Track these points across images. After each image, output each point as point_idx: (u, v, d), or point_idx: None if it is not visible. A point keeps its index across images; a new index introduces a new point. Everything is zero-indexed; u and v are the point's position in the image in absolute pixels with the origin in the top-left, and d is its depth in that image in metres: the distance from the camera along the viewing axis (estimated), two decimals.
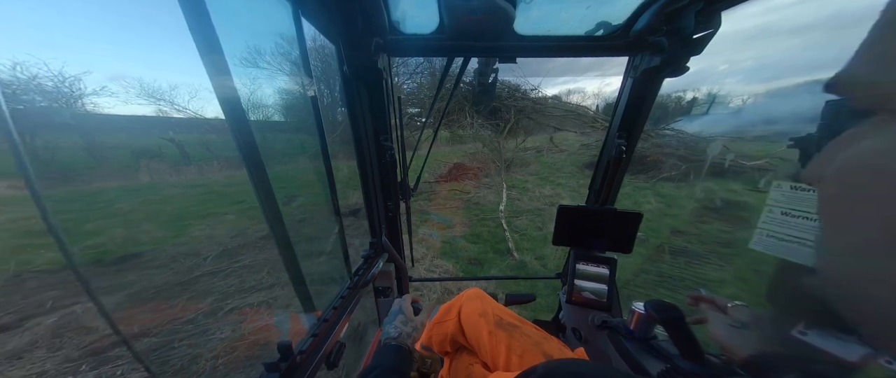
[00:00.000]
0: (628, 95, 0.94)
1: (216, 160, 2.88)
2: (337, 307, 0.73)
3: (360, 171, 1.01)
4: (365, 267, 0.94)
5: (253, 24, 1.21)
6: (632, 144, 1.02)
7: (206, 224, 3.03)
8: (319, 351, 0.62)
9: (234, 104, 0.50)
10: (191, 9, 0.42)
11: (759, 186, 5.11)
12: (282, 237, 0.65)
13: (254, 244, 3.02)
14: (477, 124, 6.08)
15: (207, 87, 0.47)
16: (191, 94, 2.35)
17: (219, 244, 2.84)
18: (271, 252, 2.61)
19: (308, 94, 0.66)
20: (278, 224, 0.63)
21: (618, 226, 1.02)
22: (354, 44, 0.76)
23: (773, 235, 0.74)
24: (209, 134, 3.02)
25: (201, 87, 2.92)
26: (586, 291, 1.05)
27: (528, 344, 0.77)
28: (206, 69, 0.45)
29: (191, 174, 2.61)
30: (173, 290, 2.27)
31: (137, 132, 2.64)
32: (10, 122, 0.34)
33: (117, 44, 1.76)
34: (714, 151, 6.45)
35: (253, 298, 2.26)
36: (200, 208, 3.23)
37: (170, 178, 2.46)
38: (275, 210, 0.61)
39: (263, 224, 0.60)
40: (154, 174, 2.80)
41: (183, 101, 2.30)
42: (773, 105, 6.02)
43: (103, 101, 2.58)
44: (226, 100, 0.49)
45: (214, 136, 3.02)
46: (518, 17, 0.77)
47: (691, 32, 0.72)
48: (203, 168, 2.76)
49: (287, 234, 0.65)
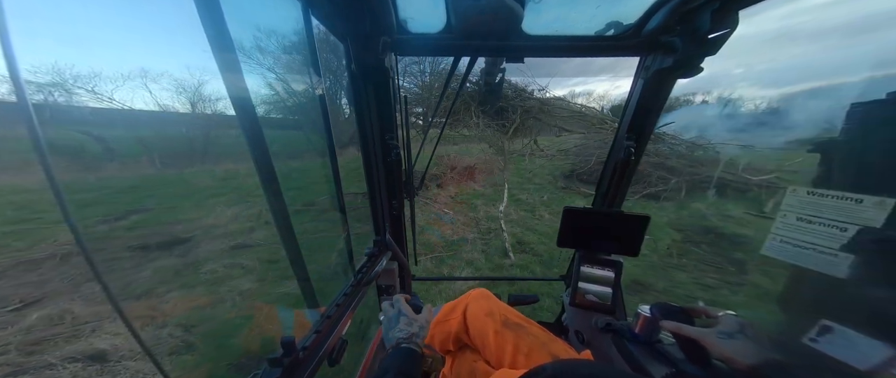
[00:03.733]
0: (638, 96, 0.92)
1: (146, 156, 2.65)
2: (340, 304, 0.74)
3: (366, 169, 1.02)
4: (368, 264, 0.94)
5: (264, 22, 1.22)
6: (641, 146, 1.00)
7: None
8: (322, 347, 0.63)
9: (245, 101, 0.51)
10: (205, 7, 0.42)
11: (766, 211, 4.08)
12: (287, 234, 0.65)
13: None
14: (482, 124, 6.05)
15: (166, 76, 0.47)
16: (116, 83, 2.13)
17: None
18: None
19: (316, 92, 0.66)
20: (284, 220, 0.63)
21: (624, 228, 1.01)
22: (362, 42, 0.76)
23: (787, 241, 0.72)
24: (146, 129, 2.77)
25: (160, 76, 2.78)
26: (590, 294, 1.04)
27: (536, 344, 0.77)
28: (217, 66, 0.46)
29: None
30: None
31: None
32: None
33: (134, 41, 1.76)
34: (728, 159, 5.30)
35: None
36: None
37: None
38: (282, 206, 0.62)
39: (258, 222, 0.60)
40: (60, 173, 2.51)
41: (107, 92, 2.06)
42: (787, 110, 5.34)
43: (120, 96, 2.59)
44: (236, 96, 0.50)
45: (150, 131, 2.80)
46: (526, 17, 0.76)
47: (707, 32, 0.70)
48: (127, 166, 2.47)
49: (293, 230, 0.66)
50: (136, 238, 2.53)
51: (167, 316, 2.08)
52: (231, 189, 3.76)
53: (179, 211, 3.24)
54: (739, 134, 5.43)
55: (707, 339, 0.57)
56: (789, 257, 0.72)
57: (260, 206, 3.64)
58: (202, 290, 2.52)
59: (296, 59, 3.86)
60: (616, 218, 1.01)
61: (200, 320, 2.16)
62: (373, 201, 1.09)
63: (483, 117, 6.02)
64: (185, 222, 3.13)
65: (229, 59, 0.47)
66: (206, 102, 3.53)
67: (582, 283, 1.05)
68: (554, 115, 6.40)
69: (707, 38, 0.72)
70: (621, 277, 1.04)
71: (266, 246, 3.18)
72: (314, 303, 0.78)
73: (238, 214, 3.59)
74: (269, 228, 3.37)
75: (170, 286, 2.40)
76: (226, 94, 0.48)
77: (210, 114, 3.31)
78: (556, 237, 1.09)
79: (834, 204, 0.65)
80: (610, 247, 1.05)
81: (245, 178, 3.66)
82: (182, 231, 2.97)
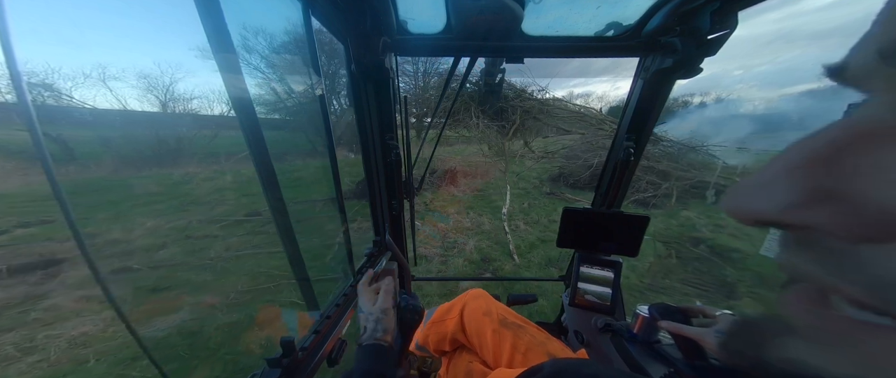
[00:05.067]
0: (638, 97, 0.93)
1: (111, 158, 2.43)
2: (339, 304, 0.74)
3: (365, 169, 1.02)
4: (368, 265, 0.94)
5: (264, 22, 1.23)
6: (640, 147, 1.00)
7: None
8: (321, 348, 0.63)
9: (245, 101, 0.51)
10: (205, 6, 0.42)
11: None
12: (287, 234, 0.65)
13: None
14: (482, 125, 6.04)
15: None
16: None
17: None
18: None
19: (316, 92, 0.67)
20: (284, 220, 0.63)
21: (624, 229, 1.01)
22: (362, 43, 0.76)
23: None
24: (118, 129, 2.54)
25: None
26: (590, 294, 1.04)
27: (533, 343, 0.77)
28: (217, 66, 0.46)
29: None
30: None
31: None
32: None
33: (131, 40, 1.70)
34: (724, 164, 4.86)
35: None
36: None
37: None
38: (281, 206, 0.62)
39: (257, 218, 0.60)
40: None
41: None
42: (785, 110, 4.96)
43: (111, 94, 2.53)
44: (236, 96, 0.50)
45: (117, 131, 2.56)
46: (526, 18, 0.76)
47: (706, 33, 0.71)
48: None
49: (292, 230, 0.66)
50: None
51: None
52: (179, 195, 3.30)
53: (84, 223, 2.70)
54: (739, 135, 5.15)
55: (705, 338, 0.57)
56: None
57: (232, 208, 3.42)
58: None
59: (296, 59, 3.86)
60: (616, 218, 1.01)
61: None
62: (372, 202, 1.09)
63: (483, 118, 6.01)
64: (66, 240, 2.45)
65: (229, 60, 0.47)
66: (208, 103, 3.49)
67: (581, 284, 1.05)
68: (554, 116, 6.39)
69: (707, 39, 0.72)
70: (620, 278, 1.04)
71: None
72: (314, 303, 0.78)
73: (156, 228, 2.99)
74: (185, 245, 3.01)
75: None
76: (226, 93, 0.48)
77: (181, 113, 3.20)
78: (554, 239, 1.09)
79: None
80: (609, 247, 1.05)
81: (201, 183, 3.33)
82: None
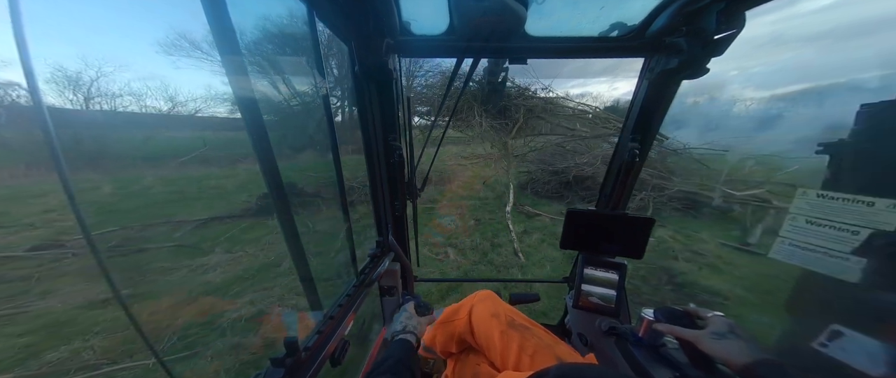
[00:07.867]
0: (643, 97, 0.92)
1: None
2: (343, 305, 0.74)
3: (369, 170, 1.02)
4: (371, 265, 0.94)
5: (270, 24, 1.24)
6: (645, 148, 0.99)
7: None
8: (324, 348, 0.63)
9: (250, 101, 0.52)
10: (212, 9, 0.43)
11: (749, 241, 2.86)
12: (291, 234, 0.66)
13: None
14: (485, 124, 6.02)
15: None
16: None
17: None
18: None
19: (320, 93, 0.67)
20: (288, 221, 0.64)
21: (628, 231, 1.00)
22: (366, 44, 0.77)
23: (795, 245, 0.71)
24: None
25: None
26: (594, 296, 1.03)
27: (541, 345, 0.77)
28: (224, 67, 0.46)
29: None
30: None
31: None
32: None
33: (141, 42, 1.75)
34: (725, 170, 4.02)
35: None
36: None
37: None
38: (286, 207, 0.62)
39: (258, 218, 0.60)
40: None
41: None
42: (784, 112, 4.39)
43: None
44: (242, 97, 0.50)
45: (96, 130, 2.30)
46: (529, 18, 0.76)
47: (713, 33, 0.70)
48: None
49: (296, 231, 0.66)
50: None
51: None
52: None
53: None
54: (724, 136, 4.37)
55: (701, 340, 0.57)
56: (798, 261, 0.70)
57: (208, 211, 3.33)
58: None
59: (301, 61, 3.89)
60: (620, 220, 1.00)
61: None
62: (375, 202, 1.09)
63: (486, 117, 6.00)
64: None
65: (236, 62, 0.47)
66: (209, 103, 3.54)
67: (585, 286, 1.04)
68: (557, 114, 6.35)
69: (713, 39, 0.71)
70: (625, 279, 1.03)
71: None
72: (317, 304, 0.78)
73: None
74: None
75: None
76: (231, 94, 0.49)
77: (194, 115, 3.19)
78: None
79: (844, 207, 0.64)
80: (614, 249, 1.04)
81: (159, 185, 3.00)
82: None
